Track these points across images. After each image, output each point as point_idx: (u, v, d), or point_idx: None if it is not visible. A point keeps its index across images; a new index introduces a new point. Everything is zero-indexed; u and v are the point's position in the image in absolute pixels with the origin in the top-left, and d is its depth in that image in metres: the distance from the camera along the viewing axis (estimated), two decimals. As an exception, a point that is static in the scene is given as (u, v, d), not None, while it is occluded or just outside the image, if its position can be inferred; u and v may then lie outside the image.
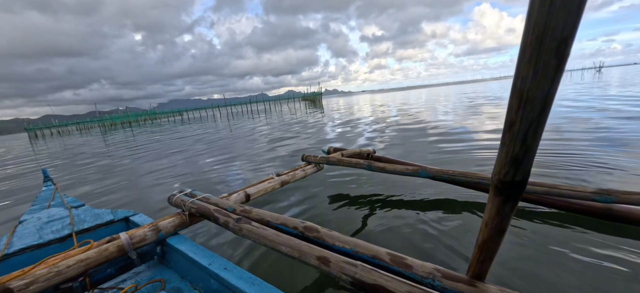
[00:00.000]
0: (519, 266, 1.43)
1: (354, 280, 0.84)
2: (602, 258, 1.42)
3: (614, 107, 6.32)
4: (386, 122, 8.34)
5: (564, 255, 1.47)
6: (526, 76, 0.30)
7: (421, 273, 0.81)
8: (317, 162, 2.37)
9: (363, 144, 5.38)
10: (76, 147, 11.61)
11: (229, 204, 1.46)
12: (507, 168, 0.40)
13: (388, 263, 0.88)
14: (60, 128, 52.28)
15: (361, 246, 0.97)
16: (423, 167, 1.84)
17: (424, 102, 16.68)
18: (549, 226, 1.72)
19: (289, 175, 2.08)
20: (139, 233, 1.38)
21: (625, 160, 2.76)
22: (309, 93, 56.34)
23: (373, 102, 25.23)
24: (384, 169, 1.96)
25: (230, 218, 1.28)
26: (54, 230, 1.62)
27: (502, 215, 0.48)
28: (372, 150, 2.87)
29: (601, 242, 1.53)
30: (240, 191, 1.81)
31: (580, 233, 1.61)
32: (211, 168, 4.52)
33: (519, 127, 0.35)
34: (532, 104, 0.32)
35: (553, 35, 0.27)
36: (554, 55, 0.28)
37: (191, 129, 13.82)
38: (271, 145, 6.16)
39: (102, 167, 5.82)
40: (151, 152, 7.32)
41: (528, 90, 0.30)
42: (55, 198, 2.35)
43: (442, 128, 5.96)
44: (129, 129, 23.86)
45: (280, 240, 1.07)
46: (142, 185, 3.97)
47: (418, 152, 4.15)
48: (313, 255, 0.96)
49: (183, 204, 1.57)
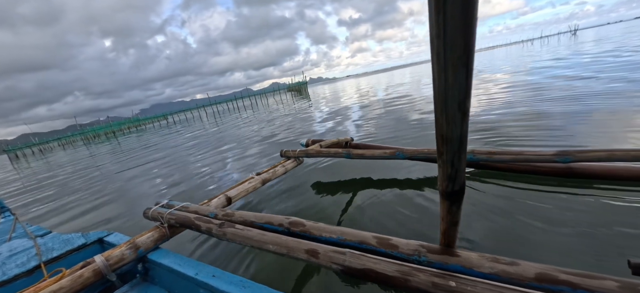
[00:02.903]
0: (491, 228, 1.53)
1: (343, 267, 0.85)
2: (564, 210, 1.55)
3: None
4: (372, 103, 8.52)
5: (530, 213, 1.59)
6: (442, 124, 0.39)
7: (407, 251, 0.84)
8: (296, 156, 2.35)
9: (353, 127, 5.44)
10: (63, 165, 10.71)
11: (210, 210, 1.41)
12: (446, 182, 0.51)
13: (375, 246, 0.90)
14: (41, 146, 50.25)
15: (348, 233, 0.98)
16: (399, 149, 1.90)
17: (408, 81, 16.99)
18: (517, 190, 1.84)
19: (269, 172, 2.05)
20: (116, 253, 1.31)
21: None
22: (294, 83, 55.91)
23: (358, 86, 25.45)
24: (362, 156, 1.99)
25: (213, 224, 1.25)
26: (19, 263, 1.49)
27: (452, 213, 0.60)
28: (350, 138, 2.91)
29: (564, 197, 1.67)
30: (220, 195, 1.76)
31: (546, 193, 1.75)
32: (207, 171, 4.36)
33: (446, 157, 0.44)
34: (451, 142, 0.41)
35: (453, 100, 0.36)
36: (458, 111, 0.37)
37: (179, 134, 13.18)
38: (268, 139, 6.04)
39: (90, 182, 5.42)
40: (139, 159, 6.93)
41: (446, 133, 0.40)
42: (16, 229, 2.16)
43: (426, 106, 6.12)
44: (114, 139, 22.67)
45: (266, 239, 1.06)
46: (133, 197, 3.76)
47: (404, 130, 4.27)
48: (301, 249, 0.96)
49: (161, 217, 1.50)
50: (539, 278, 0.66)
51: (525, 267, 0.68)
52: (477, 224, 1.60)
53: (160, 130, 20.07)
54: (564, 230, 1.44)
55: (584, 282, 0.62)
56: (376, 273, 0.79)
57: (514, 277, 0.68)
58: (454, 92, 0.35)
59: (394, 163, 2.63)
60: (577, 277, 0.63)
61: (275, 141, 5.65)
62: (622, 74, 5.16)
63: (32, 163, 15.79)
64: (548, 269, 0.67)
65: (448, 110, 0.36)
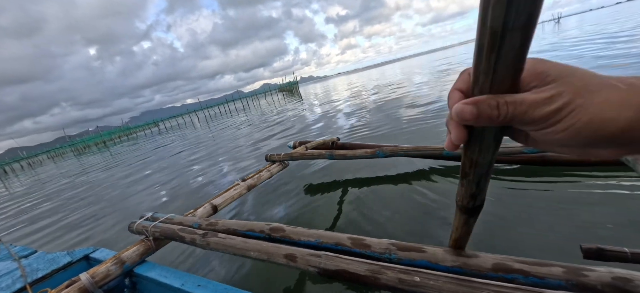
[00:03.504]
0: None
1: (319, 269, 0.89)
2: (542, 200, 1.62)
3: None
4: (364, 101, 8.58)
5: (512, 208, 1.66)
6: (474, 151, 0.38)
7: (379, 250, 0.88)
8: (281, 160, 2.38)
9: (345, 124, 5.48)
10: (53, 177, 10.46)
11: (194, 220, 1.43)
12: (467, 199, 0.50)
13: (350, 247, 0.94)
14: (30, 160, 49.85)
15: (325, 236, 1.01)
16: (380, 147, 1.95)
17: (399, 76, 17.08)
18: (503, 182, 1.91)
19: (255, 178, 2.07)
20: (102, 269, 1.32)
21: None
22: (285, 83, 55.69)
23: (350, 83, 25.49)
24: (344, 156, 2.03)
25: (196, 234, 1.27)
26: (4, 286, 1.48)
27: (469, 224, 0.61)
28: (336, 138, 2.94)
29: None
30: (206, 204, 1.78)
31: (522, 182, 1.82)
32: (200, 178, 4.33)
33: (472, 177, 0.43)
34: (480, 167, 0.40)
35: (490, 132, 0.35)
36: (493, 140, 0.35)
37: (173, 144, 13.02)
38: (262, 141, 6.03)
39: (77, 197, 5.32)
40: (132, 168, 6.82)
41: (477, 159, 0.39)
42: (0, 251, 2.13)
43: (418, 101, 6.18)
44: (105, 149, 22.33)
45: (248, 246, 1.08)
46: (125, 208, 3.72)
47: (396, 126, 4.33)
48: (280, 254, 0.99)
49: (145, 230, 1.51)
50: (495, 268, 0.70)
51: (484, 259, 0.73)
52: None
53: (152, 138, 19.89)
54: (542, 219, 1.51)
55: (534, 269, 0.67)
56: (349, 274, 0.83)
57: (474, 268, 0.73)
58: (491, 128, 0.34)
59: (375, 163, 2.68)
60: (528, 265, 0.68)
61: (272, 141, 5.64)
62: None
63: (21, 178, 15.48)
64: (504, 259, 0.71)
65: (483, 140, 0.35)
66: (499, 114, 0.29)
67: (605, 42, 7.60)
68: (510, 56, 0.27)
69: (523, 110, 0.28)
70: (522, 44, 0.26)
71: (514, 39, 0.25)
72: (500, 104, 0.29)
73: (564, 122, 0.27)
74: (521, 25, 0.25)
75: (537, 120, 0.28)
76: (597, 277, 0.61)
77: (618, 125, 0.25)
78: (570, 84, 0.27)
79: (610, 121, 0.25)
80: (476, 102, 0.29)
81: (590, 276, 0.62)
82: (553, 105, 0.27)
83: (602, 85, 0.26)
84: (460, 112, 0.30)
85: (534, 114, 0.28)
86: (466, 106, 0.30)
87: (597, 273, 0.62)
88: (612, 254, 0.75)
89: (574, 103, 0.26)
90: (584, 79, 0.27)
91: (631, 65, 4.43)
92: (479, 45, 0.28)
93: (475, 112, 0.29)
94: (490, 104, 0.29)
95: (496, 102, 0.29)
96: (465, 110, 0.29)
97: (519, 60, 0.27)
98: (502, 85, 0.29)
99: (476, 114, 0.29)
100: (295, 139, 3.88)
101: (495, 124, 0.30)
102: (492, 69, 0.28)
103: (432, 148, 1.81)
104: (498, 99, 0.29)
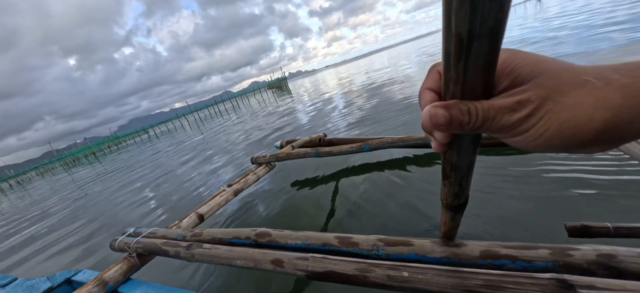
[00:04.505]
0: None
1: (307, 272, 0.86)
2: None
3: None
4: (353, 91, 8.61)
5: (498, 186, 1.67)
6: (452, 155, 0.37)
7: (366, 247, 0.86)
8: (267, 162, 2.33)
9: (337, 117, 5.45)
10: (45, 196, 10.00)
11: (178, 232, 1.38)
12: (451, 198, 0.50)
13: (337, 246, 0.91)
14: (18, 177, 49.00)
15: (312, 237, 0.99)
16: (365, 141, 1.94)
17: (387, 64, 17.09)
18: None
19: (241, 182, 2.02)
20: (82, 293, 1.25)
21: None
22: (274, 80, 55.43)
23: (338, 75, 25.47)
24: (330, 153, 2.01)
25: (180, 247, 1.22)
26: (-21, 321, 1.39)
27: (456, 219, 0.61)
28: (323, 135, 2.91)
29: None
30: (191, 214, 1.72)
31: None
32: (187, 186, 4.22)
33: (454, 179, 0.43)
34: (460, 169, 0.40)
35: (467, 137, 0.34)
36: (471, 143, 0.34)
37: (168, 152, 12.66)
38: (257, 141, 5.93)
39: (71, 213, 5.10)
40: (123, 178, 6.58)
41: (456, 162, 0.38)
42: (-24, 283, 2.01)
43: (405, 90, 6.22)
44: (96, 161, 21.69)
45: (234, 254, 1.04)
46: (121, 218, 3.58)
47: (387, 113, 4.33)
48: (267, 260, 0.95)
49: (128, 247, 1.45)
50: (483, 256, 0.69)
51: (471, 247, 0.72)
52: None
53: (142, 145, 19.50)
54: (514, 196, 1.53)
55: (521, 253, 0.66)
56: (337, 275, 0.80)
57: (462, 257, 0.72)
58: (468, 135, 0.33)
59: (363, 157, 2.68)
60: (515, 250, 0.67)
61: (269, 141, 5.54)
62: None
63: (11, 196, 14.94)
64: (491, 245, 0.70)
65: (462, 144, 0.34)
66: (469, 120, 0.27)
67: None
68: (479, 64, 0.25)
69: (491, 116, 0.26)
70: (490, 50, 0.24)
71: (481, 46, 0.23)
72: (470, 110, 0.27)
73: (534, 130, 0.25)
74: (488, 31, 0.23)
75: (506, 128, 0.26)
76: (582, 256, 0.61)
77: (592, 128, 0.22)
78: (540, 86, 0.25)
79: (583, 126, 0.23)
80: (447, 107, 0.27)
81: (575, 255, 0.61)
82: (521, 112, 0.25)
83: (574, 84, 0.24)
84: (434, 116, 0.28)
85: (502, 122, 0.26)
86: (438, 110, 0.28)
87: (582, 251, 0.61)
88: (596, 230, 0.76)
89: (543, 109, 0.24)
90: (556, 78, 0.25)
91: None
92: (445, 52, 0.26)
93: (447, 117, 0.27)
94: (461, 109, 0.27)
95: (467, 108, 0.27)
96: (438, 115, 0.28)
97: (489, 67, 0.25)
98: (474, 92, 0.27)
99: (448, 118, 0.27)
100: (292, 135, 3.83)
101: (467, 131, 0.28)
102: (461, 77, 0.26)
103: (416, 137, 1.81)
104: (468, 104, 0.27)
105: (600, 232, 0.76)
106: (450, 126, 0.27)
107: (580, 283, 0.52)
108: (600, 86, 0.22)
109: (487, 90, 0.27)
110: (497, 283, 0.58)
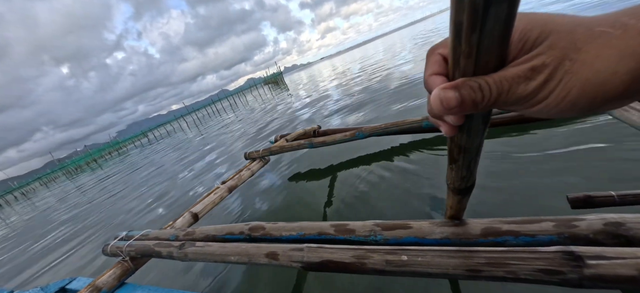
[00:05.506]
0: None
1: (303, 263, 0.82)
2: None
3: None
4: (349, 81, 8.53)
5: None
6: (461, 137, 0.35)
7: (363, 234, 0.82)
8: (261, 156, 2.29)
9: (334, 107, 5.39)
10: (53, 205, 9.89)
11: (171, 233, 1.34)
12: (459, 182, 0.48)
13: (333, 234, 0.88)
14: (22, 189, 49.98)
15: (307, 227, 0.95)
16: (359, 129, 1.90)
17: (382, 53, 16.98)
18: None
19: (235, 179, 1.98)
20: (74, 301, 1.21)
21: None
22: (270, 75, 55.28)
23: (334, 66, 25.34)
24: (324, 143, 1.97)
25: (173, 247, 1.18)
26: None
27: (462, 203, 0.60)
28: (317, 126, 2.87)
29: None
30: (185, 213, 1.68)
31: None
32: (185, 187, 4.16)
33: (462, 163, 0.41)
34: (469, 151, 0.38)
35: (478, 116, 0.31)
36: (481, 123, 0.32)
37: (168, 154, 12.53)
38: (258, 134, 5.86)
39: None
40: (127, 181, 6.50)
41: (465, 144, 0.36)
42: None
43: (402, 76, 6.15)
44: (98, 167, 21.75)
45: (227, 250, 1.01)
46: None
47: (380, 103, 4.29)
48: (261, 254, 0.92)
49: (120, 251, 1.41)
50: (484, 233, 0.66)
51: (472, 225, 0.69)
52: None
53: (143, 149, 19.47)
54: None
55: (523, 228, 0.63)
56: (334, 263, 0.77)
57: (463, 236, 0.69)
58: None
59: (357, 145, 2.64)
60: (518, 225, 0.64)
61: (265, 136, 5.48)
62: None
63: (16, 208, 14.91)
64: (492, 222, 0.67)
65: (472, 124, 0.32)
66: (483, 97, 0.24)
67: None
68: (497, 32, 0.22)
69: (505, 88, 0.23)
70: (508, 15, 0.21)
71: (499, 11, 0.20)
72: (482, 86, 0.24)
73: (555, 95, 0.22)
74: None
75: (523, 99, 0.23)
76: (588, 225, 0.58)
77: (619, 82, 0.20)
78: (553, 47, 0.22)
79: (608, 82, 0.20)
80: (457, 86, 0.25)
81: (581, 225, 0.58)
82: (537, 79, 0.22)
83: (590, 37, 0.21)
84: (445, 100, 0.25)
85: (518, 92, 0.23)
86: (448, 92, 0.25)
87: (587, 221, 0.58)
88: (600, 200, 0.73)
89: (561, 70, 0.21)
90: (570, 35, 0.22)
91: None
92: (455, 24, 0.23)
93: (459, 98, 0.25)
94: (472, 87, 0.24)
95: (478, 84, 0.24)
96: (449, 97, 0.25)
97: (506, 34, 0.22)
98: (487, 66, 0.24)
99: (460, 99, 0.25)
100: (289, 129, 3.77)
101: (481, 109, 0.25)
102: (474, 50, 0.23)
103: (410, 121, 1.77)
104: (478, 80, 0.24)
105: (604, 202, 0.73)
106: (463, 107, 0.25)
107: (588, 254, 0.49)
108: (618, 34, 0.20)
109: (501, 63, 0.24)
110: (501, 260, 0.55)
